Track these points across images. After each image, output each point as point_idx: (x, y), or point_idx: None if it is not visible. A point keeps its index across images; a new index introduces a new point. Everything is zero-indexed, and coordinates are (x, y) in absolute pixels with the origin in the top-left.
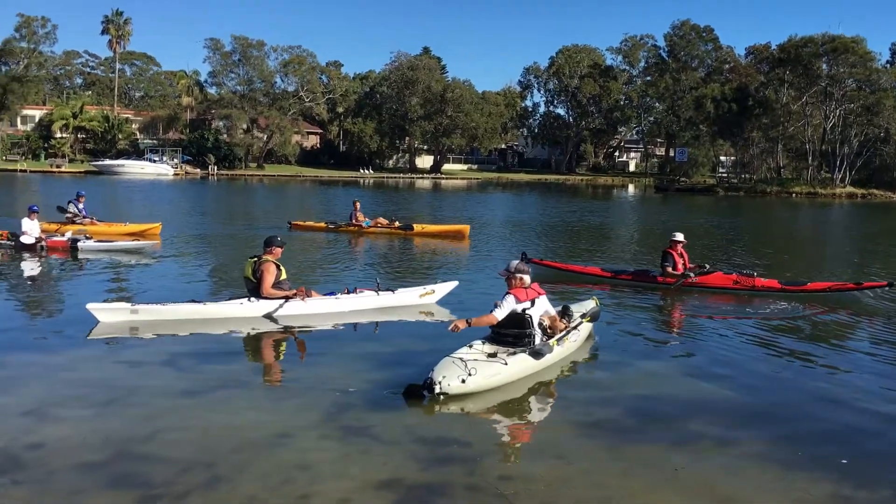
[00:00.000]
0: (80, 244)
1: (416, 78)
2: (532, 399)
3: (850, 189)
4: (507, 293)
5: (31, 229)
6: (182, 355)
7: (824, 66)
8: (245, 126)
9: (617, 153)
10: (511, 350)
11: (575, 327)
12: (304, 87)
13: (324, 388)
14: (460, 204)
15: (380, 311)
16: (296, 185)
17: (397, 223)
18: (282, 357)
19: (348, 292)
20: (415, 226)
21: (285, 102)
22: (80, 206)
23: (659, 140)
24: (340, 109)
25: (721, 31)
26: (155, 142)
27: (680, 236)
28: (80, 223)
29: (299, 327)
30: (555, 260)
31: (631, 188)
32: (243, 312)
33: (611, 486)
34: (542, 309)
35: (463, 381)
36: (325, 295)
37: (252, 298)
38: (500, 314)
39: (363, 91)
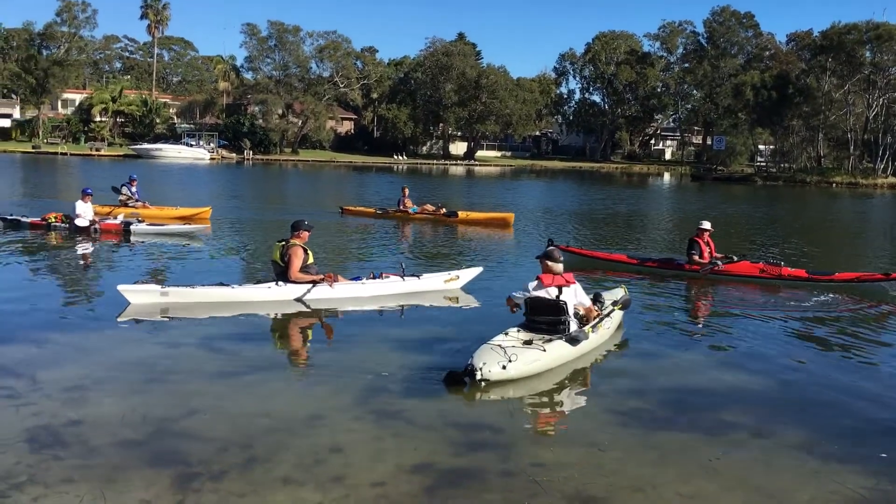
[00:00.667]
0: (132, 227)
1: (450, 64)
2: (565, 387)
3: (892, 179)
4: (536, 277)
5: (84, 212)
6: (213, 337)
7: (868, 54)
8: (280, 111)
9: (653, 141)
10: (547, 337)
11: (607, 315)
12: (339, 73)
13: (355, 372)
14: (495, 191)
15: (405, 297)
16: (330, 170)
17: (444, 210)
18: (312, 341)
19: (374, 277)
20: (459, 213)
21: (320, 88)
22: (133, 189)
23: (696, 128)
24: (375, 95)
25: (762, 18)
26: (192, 126)
27: (707, 224)
28: (133, 206)
29: (327, 311)
30: (585, 247)
31: (667, 177)
32: (271, 296)
33: (644, 474)
34: (573, 297)
35: (503, 368)
36: (351, 280)
37: (280, 282)
38: (517, 298)
39: (398, 77)
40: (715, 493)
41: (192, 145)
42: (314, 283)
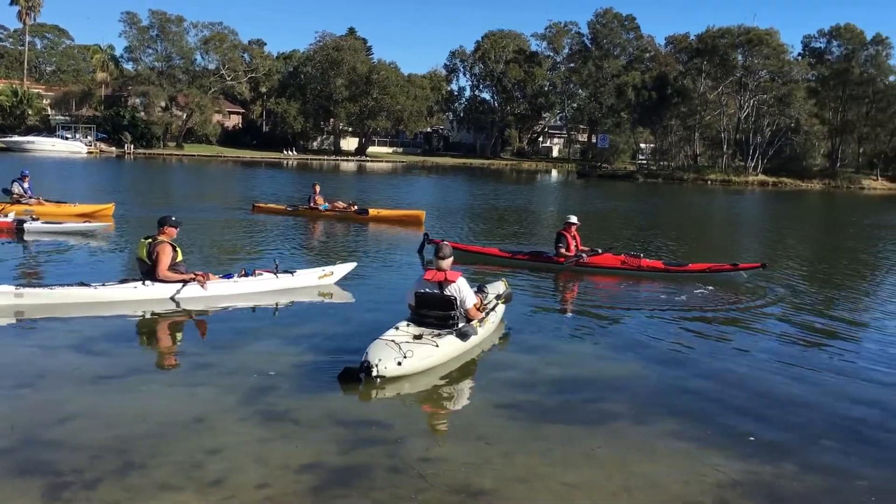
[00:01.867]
0: (26, 225)
1: (341, 59)
2: (453, 381)
3: (762, 177)
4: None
5: None
6: (81, 341)
7: (739, 58)
8: (163, 104)
9: (541, 139)
10: (436, 332)
11: (492, 309)
12: (226, 66)
13: (236, 373)
14: (387, 188)
15: (280, 294)
16: (217, 165)
17: (355, 207)
18: (188, 342)
19: (245, 274)
20: (370, 210)
21: (206, 80)
22: (25, 185)
23: (582, 126)
24: (263, 89)
25: (642, 21)
26: (68, 118)
27: (573, 218)
28: (27, 203)
29: (199, 311)
30: (473, 242)
31: (554, 173)
32: (139, 296)
33: (529, 465)
34: (458, 292)
35: (399, 364)
36: (221, 278)
37: (147, 281)
38: (408, 294)
39: (287, 71)
40: (598, 481)
41: (67, 138)
42: (184, 282)
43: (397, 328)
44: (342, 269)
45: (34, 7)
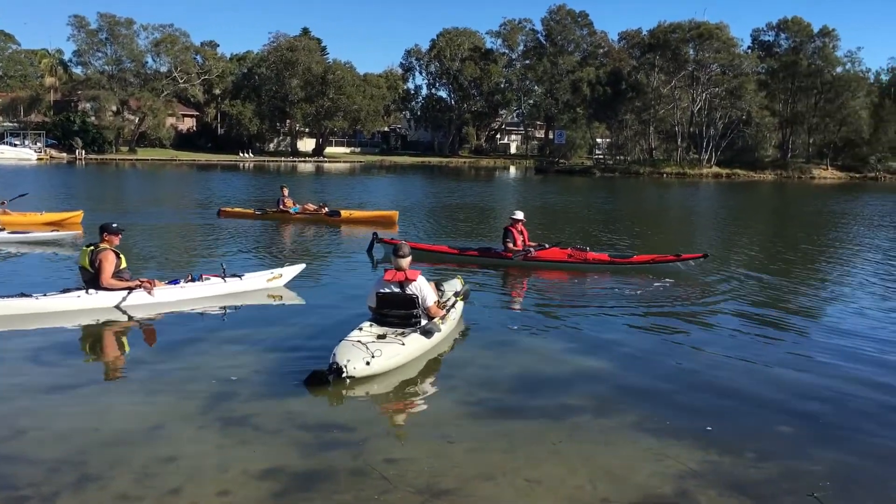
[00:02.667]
0: None
1: (295, 59)
2: (415, 380)
3: (715, 169)
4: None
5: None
6: (29, 353)
7: (691, 52)
8: (115, 108)
9: (498, 136)
10: (399, 331)
11: (452, 306)
12: (178, 68)
13: (192, 380)
14: (346, 188)
15: (229, 297)
16: (172, 169)
17: (326, 209)
18: (138, 350)
19: (192, 280)
20: (342, 212)
21: (158, 83)
22: None
23: (538, 123)
24: (217, 91)
25: (595, 17)
26: (15, 125)
27: (519, 214)
28: None
29: (146, 318)
30: (430, 241)
31: (512, 170)
32: (82, 305)
33: (493, 462)
34: (419, 290)
35: (367, 364)
36: (168, 284)
37: (90, 290)
38: (369, 296)
39: (241, 72)
40: (561, 476)
41: (16, 145)
42: (129, 289)
43: (361, 329)
44: (291, 270)
45: None
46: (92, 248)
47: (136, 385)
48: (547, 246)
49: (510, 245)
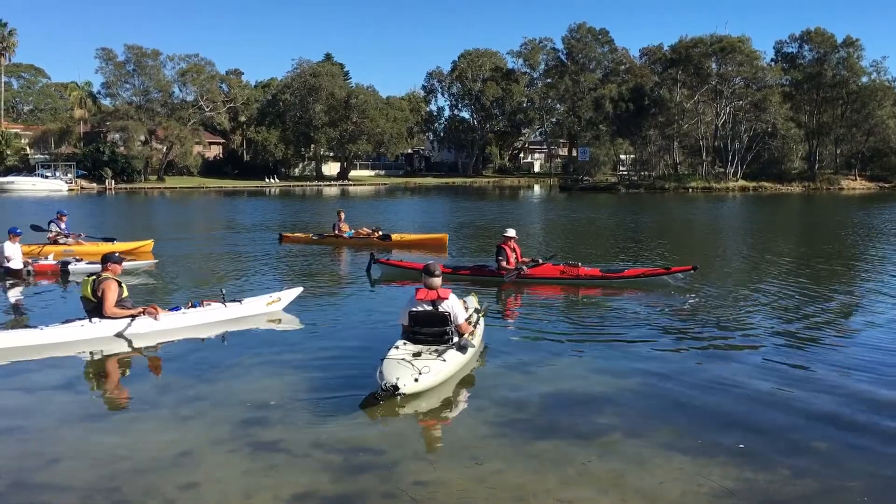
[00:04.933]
0: (70, 267)
1: (319, 84)
2: (443, 401)
3: (742, 182)
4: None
5: (14, 253)
6: (43, 384)
7: (713, 66)
8: (143, 138)
9: (522, 154)
10: (433, 348)
11: (476, 322)
12: (204, 97)
13: (219, 405)
14: (373, 210)
15: (230, 323)
16: (200, 196)
17: (379, 233)
18: (156, 378)
19: (193, 306)
20: (393, 236)
21: (184, 112)
22: (63, 225)
23: (562, 140)
24: (243, 118)
25: (616, 34)
26: (47, 156)
27: (511, 232)
28: (65, 243)
29: (151, 346)
30: (456, 263)
31: (537, 188)
32: (87, 334)
33: (523, 483)
34: (451, 308)
35: (416, 381)
36: (169, 310)
37: (94, 319)
38: (402, 316)
39: (265, 99)
40: (593, 497)
41: (47, 177)
42: (133, 317)
43: (397, 347)
44: (289, 294)
45: (9, 48)
46: (94, 277)
47: (162, 412)
48: (540, 261)
49: (503, 263)
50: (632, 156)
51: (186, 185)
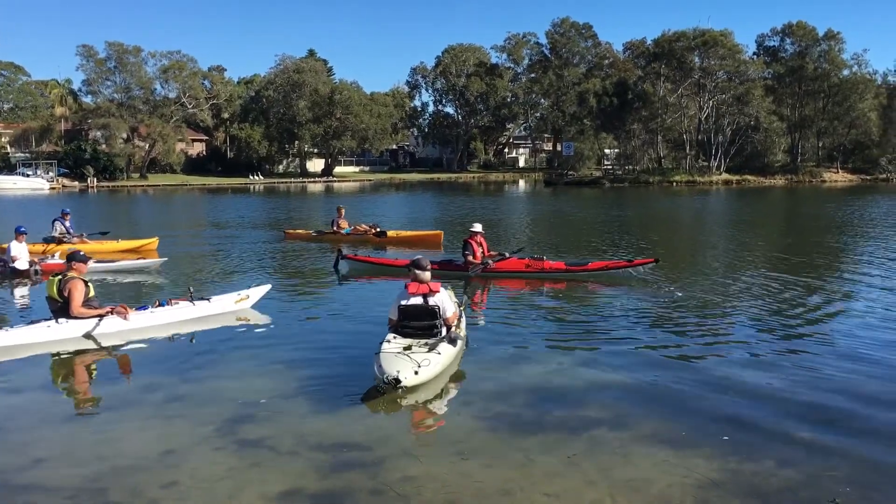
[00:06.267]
0: None
1: (302, 81)
2: (427, 397)
3: (725, 176)
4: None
5: (20, 253)
6: (14, 385)
7: (696, 59)
8: (125, 135)
9: (506, 150)
10: (423, 341)
11: (461, 315)
12: (186, 94)
13: (202, 404)
14: (360, 206)
15: (199, 321)
16: (183, 194)
17: (376, 230)
18: (129, 377)
19: (160, 305)
20: (389, 233)
21: (167, 109)
22: (67, 223)
23: (546, 135)
24: (226, 115)
25: (599, 28)
26: (28, 155)
27: (478, 227)
28: (69, 242)
29: (123, 345)
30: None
31: (521, 183)
32: (54, 335)
33: (510, 477)
34: (441, 302)
35: (416, 373)
36: (136, 310)
37: (60, 319)
38: (392, 311)
39: (248, 96)
40: (579, 489)
41: (28, 175)
42: (101, 316)
43: (389, 341)
44: (257, 291)
45: None
46: (60, 277)
47: (142, 411)
48: (507, 255)
49: (469, 257)
50: (616, 150)
51: (169, 183)
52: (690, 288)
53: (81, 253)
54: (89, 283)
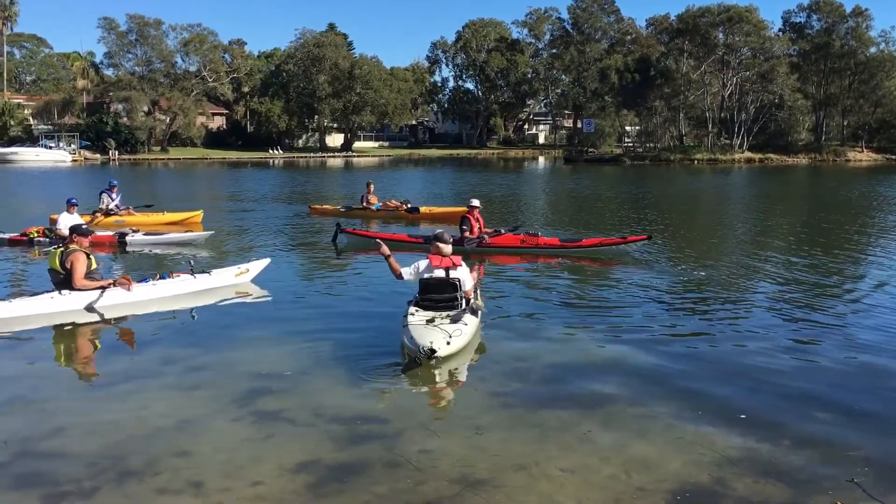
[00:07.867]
0: (128, 238)
1: (322, 55)
2: (443, 372)
3: (748, 154)
4: (426, 258)
5: (71, 224)
6: (24, 355)
7: (720, 36)
8: (146, 108)
9: (526, 126)
10: (445, 314)
11: (476, 289)
12: (207, 67)
13: (218, 374)
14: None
15: (201, 294)
16: (203, 167)
17: (408, 205)
18: (136, 349)
19: (161, 278)
20: (421, 209)
21: (187, 83)
22: (114, 196)
23: (567, 112)
24: (246, 89)
25: (622, 3)
26: (50, 127)
27: (476, 202)
28: (116, 214)
29: (125, 317)
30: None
31: (541, 160)
32: (57, 307)
33: (526, 452)
34: (462, 275)
35: (448, 343)
36: (138, 283)
37: (63, 291)
38: (406, 272)
39: (269, 70)
40: (595, 465)
41: (51, 147)
42: (103, 288)
43: (413, 314)
44: (257, 265)
45: (11, 17)
46: (62, 250)
47: (157, 382)
48: (502, 231)
49: (466, 233)
50: (637, 127)
51: (190, 157)
52: (709, 267)
53: (84, 226)
54: (91, 256)
